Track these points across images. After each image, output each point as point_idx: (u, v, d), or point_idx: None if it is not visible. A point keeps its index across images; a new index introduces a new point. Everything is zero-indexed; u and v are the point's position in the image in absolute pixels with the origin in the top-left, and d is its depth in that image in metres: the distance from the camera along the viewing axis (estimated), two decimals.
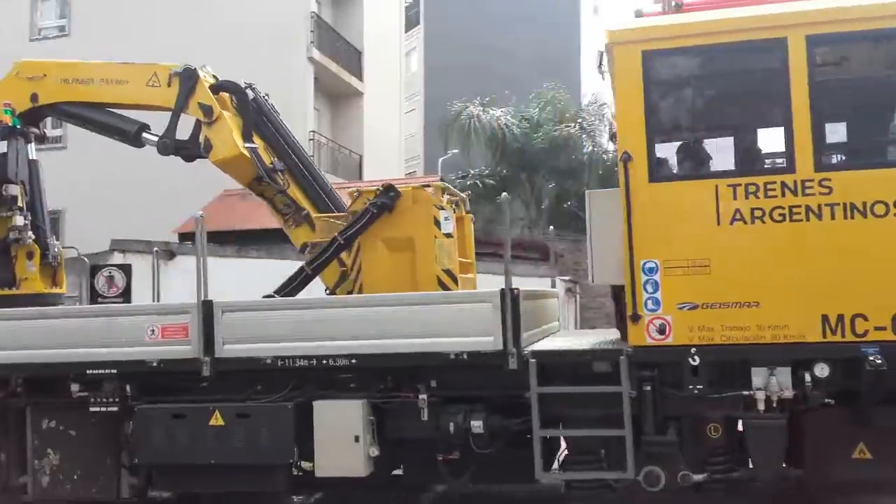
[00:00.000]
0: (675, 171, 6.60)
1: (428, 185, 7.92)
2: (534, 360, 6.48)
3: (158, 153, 8.99)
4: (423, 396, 6.79)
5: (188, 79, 8.64)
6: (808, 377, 6.12)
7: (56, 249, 9.35)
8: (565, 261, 25.31)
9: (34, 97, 8.94)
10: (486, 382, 6.80)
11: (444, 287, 7.27)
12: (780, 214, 6.21)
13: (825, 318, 6.10)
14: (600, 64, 6.97)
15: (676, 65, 6.46)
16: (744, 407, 6.32)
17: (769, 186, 6.22)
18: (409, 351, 6.70)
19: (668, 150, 6.60)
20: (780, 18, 6.27)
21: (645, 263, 6.37)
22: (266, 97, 9.03)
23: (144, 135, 9.02)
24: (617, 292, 7.26)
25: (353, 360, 6.82)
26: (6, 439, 7.88)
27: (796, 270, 6.17)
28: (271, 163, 8.68)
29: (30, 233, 8.86)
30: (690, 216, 6.36)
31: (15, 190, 8.76)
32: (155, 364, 7.21)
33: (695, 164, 6.62)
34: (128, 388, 7.34)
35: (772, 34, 6.26)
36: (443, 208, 7.28)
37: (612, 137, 9.33)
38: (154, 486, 7.56)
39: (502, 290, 6.58)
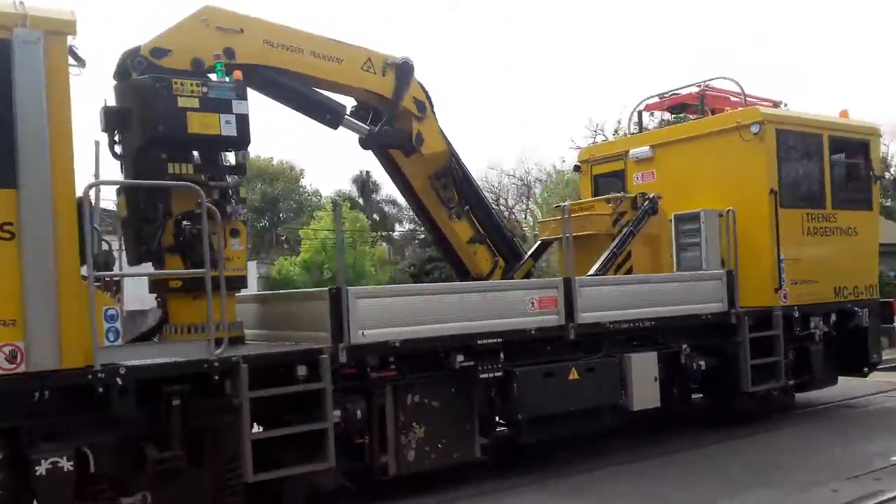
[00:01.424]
0: (787, 202, 10.88)
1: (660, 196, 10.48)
2: (746, 316, 10.09)
3: (370, 139, 9.21)
4: (685, 346, 9.72)
5: (405, 73, 9.28)
6: (832, 319, 11.22)
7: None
8: None
9: (230, 53, 8.07)
10: (703, 335, 10.04)
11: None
12: (822, 232, 11.18)
13: (837, 289, 11.30)
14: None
15: (787, 139, 10.87)
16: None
17: (817, 215, 11.16)
18: (684, 313, 9.61)
19: (786, 189, 10.88)
20: (818, 124, 11.33)
21: (779, 256, 10.59)
22: None
23: (346, 118, 9.14)
24: None
25: (653, 322, 9.35)
26: (370, 422, 7.69)
27: (828, 262, 11.20)
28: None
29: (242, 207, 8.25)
30: (793, 229, 10.83)
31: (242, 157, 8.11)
32: (533, 331, 8.41)
33: (794, 199, 11.04)
34: (501, 354, 8.27)
35: (815, 132, 11.26)
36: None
37: (577, 168, 12.93)
38: (524, 438, 8.49)
39: (728, 270, 10.02)
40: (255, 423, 6.98)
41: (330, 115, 9.03)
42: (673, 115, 12.37)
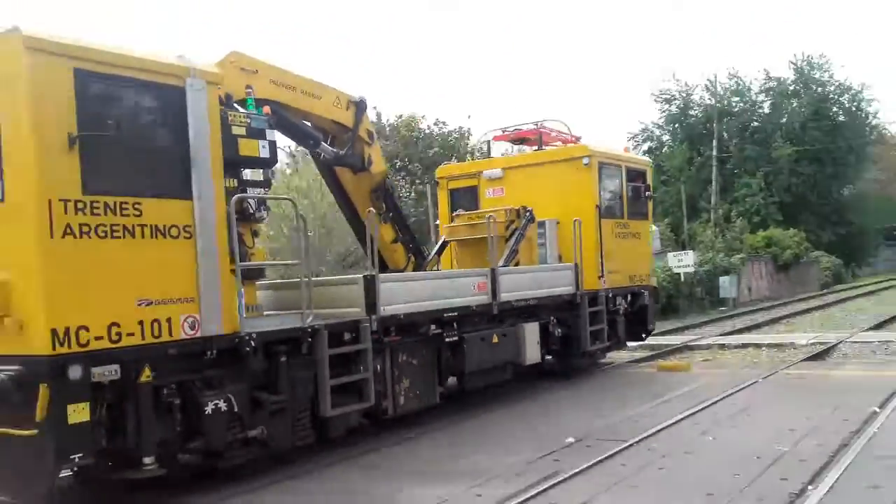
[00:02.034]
0: (605, 215, 14.83)
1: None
2: (587, 295, 13.91)
3: (334, 160, 11.66)
4: (553, 319, 13.31)
5: (362, 108, 11.92)
6: (628, 299, 15.49)
7: None
8: None
9: (250, 90, 10.11)
10: (560, 310, 13.71)
11: None
12: (622, 235, 15.37)
13: (630, 277, 15.57)
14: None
15: (604, 169, 14.88)
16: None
17: (620, 224, 15.33)
18: (554, 294, 13.22)
19: (604, 205, 14.83)
20: (620, 158, 15.52)
21: (602, 253, 14.57)
22: None
23: (322, 144, 11.53)
24: None
25: (536, 300, 12.84)
26: (379, 374, 10.26)
27: (625, 257, 15.40)
28: None
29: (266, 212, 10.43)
30: (608, 234, 14.88)
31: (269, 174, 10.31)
32: (475, 307, 11.51)
33: (608, 212, 15.01)
34: (455, 324, 11.26)
35: (619, 163, 15.44)
36: None
37: (437, 183, 16.16)
38: (465, 386, 11.45)
39: (575, 263, 13.76)
40: None
41: (312, 141, 11.41)
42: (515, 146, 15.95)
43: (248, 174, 9.78)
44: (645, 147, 55.14)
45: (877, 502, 7.09)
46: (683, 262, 30.61)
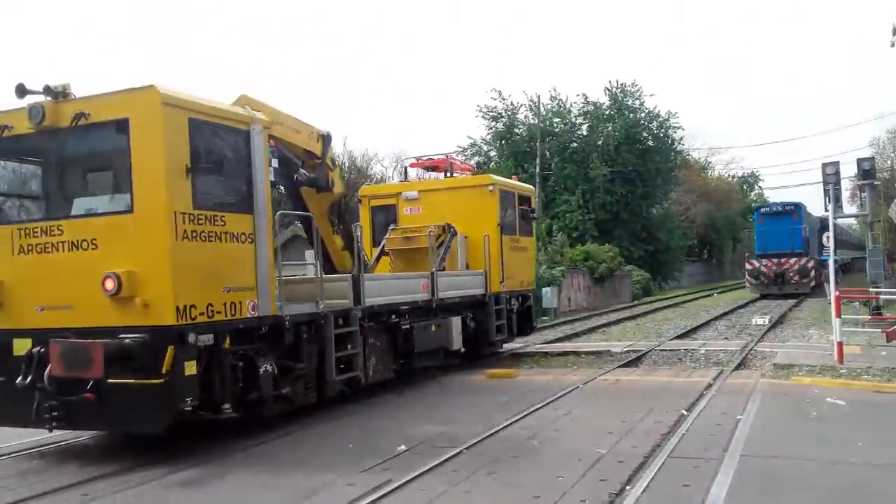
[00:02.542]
0: (505, 231, 18.21)
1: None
2: (493, 296, 17.29)
3: (306, 182, 14.37)
4: (469, 314, 16.60)
5: (328, 140, 14.77)
6: (520, 300, 19.05)
7: None
8: None
9: None
10: (474, 307, 17.00)
11: None
12: (514, 248, 18.90)
13: (521, 282, 19.15)
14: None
15: (505, 196, 18.30)
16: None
17: (515, 239, 18.87)
18: (471, 294, 16.54)
19: (503, 224, 18.22)
20: (513, 186, 19.09)
21: (503, 263, 17.99)
22: None
23: (300, 169, 14.23)
24: None
25: (459, 298, 16.10)
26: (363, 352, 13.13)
27: (518, 267, 18.95)
28: None
29: None
30: (507, 246, 18.33)
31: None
32: (420, 302, 14.61)
33: (503, 229, 18.39)
34: (406, 315, 14.31)
35: (512, 190, 18.99)
36: None
37: (360, 201, 19.14)
38: (413, 365, 14.46)
39: (485, 270, 17.12)
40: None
41: (294, 166, 14.13)
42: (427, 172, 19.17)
43: None
44: (473, 161, 56.06)
45: (687, 500, 7.51)
46: None
